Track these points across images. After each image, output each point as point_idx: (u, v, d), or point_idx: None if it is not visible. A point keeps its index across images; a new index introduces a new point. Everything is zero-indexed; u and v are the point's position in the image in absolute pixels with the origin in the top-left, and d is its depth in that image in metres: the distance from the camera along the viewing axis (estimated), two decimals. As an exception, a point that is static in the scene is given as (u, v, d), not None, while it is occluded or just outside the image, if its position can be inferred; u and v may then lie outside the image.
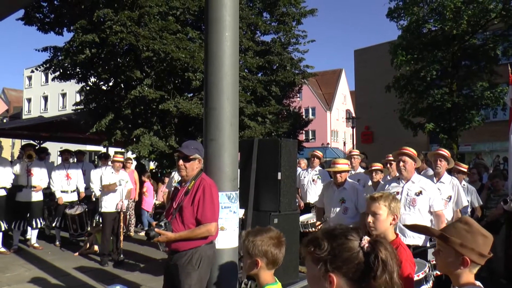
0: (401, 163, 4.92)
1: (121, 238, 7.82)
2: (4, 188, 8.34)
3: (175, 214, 3.68)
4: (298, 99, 25.36)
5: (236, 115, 4.60)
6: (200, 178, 3.79)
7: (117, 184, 7.73)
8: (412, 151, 5.01)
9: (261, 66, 13.90)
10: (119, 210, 7.68)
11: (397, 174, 5.18)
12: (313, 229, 6.96)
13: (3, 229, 8.27)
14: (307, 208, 8.23)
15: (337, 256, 1.35)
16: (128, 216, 9.71)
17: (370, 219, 3.01)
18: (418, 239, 4.59)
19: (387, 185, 5.21)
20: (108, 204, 7.64)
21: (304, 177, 8.65)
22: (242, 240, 2.58)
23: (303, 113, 26.01)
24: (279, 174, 5.26)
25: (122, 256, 7.65)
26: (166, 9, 11.86)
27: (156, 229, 3.51)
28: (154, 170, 14.60)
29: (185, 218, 3.64)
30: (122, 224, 7.85)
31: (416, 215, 4.65)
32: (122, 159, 8.32)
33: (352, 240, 1.37)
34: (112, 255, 7.65)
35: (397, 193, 4.76)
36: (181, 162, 3.77)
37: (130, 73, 11.72)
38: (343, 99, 58.12)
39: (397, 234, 3.14)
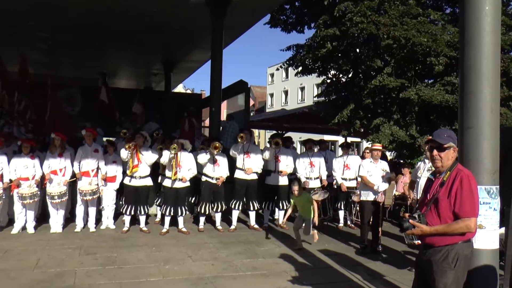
0: None
1: (380, 228, 7.78)
2: (256, 172, 9.26)
3: (429, 206, 3.46)
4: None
5: (497, 100, 4.10)
6: (456, 168, 3.48)
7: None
8: None
9: (515, 42, 12.14)
10: (377, 200, 7.65)
11: None
12: None
13: (255, 208, 9.23)
14: None
15: None
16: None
17: None
18: None
19: None
20: (367, 193, 7.70)
21: None
22: None
23: None
24: (552, 168, 4.50)
25: (380, 247, 7.59)
26: (406, -7, 11.46)
27: (410, 221, 3.35)
28: (393, 160, 14.30)
29: (441, 211, 3.38)
30: (381, 214, 7.78)
31: None
32: (381, 148, 8.22)
33: None
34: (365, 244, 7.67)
35: None
36: (435, 152, 3.53)
37: (370, 63, 11.68)
38: None
39: None
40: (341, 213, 9.77)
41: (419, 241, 3.44)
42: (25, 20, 12.45)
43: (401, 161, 12.86)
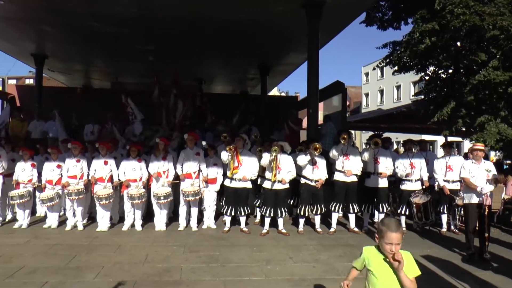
0: None
1: (487, 234, 7.25)
2: (356, 174, 9.12)
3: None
4: None
5: None
6: None
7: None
8: None
9: None
10: (483, 203, 7.21)
11: None
12: None
13: (355, 211, 9.10)
14: None
15: None
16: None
17: None
18: None
19: None
20: (470, 196, 7.30)
21: None
22: None
23: None
24: None
25: (487, 254, 7.12)
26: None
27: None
28: (500, 161, 13.38)
29: None
30: (487, 219, 7.24)
31: None
32: (483, 148, 7.74)
33: None
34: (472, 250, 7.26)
35: None
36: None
37: (473, 57, 11.02)
38: None
39: None
40: (444, 217, 9.32)
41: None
42: (131, 33, 13.35)
43: (509, 161, 12.01)
